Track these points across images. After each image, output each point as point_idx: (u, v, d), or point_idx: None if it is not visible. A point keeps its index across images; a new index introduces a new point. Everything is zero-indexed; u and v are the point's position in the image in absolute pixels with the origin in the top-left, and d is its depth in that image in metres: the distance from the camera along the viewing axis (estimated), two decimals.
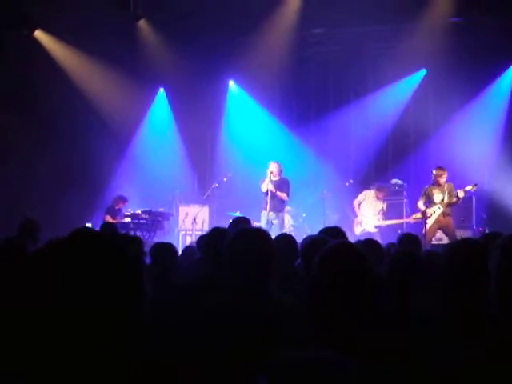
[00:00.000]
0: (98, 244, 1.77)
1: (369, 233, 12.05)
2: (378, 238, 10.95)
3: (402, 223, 12.26)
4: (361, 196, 12.50)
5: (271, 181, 11.32)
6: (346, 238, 4.90)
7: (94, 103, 13.97)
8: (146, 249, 6.25)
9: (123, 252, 1.79)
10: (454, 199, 11.01)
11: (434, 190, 11.18)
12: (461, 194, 10.97)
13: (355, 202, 12.46)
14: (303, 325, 2.68)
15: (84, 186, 13.78)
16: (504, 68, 13.62)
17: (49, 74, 13.41)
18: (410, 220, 12.09)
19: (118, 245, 1.80)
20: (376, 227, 12.22)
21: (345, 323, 2.62)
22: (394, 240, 10.15)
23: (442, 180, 11.13)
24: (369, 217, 12.28)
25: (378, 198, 12.36)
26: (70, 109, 13.86)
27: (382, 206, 12.36)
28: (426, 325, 2.78)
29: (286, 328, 2.68)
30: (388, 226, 12.39)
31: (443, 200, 11.04)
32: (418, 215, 11.43)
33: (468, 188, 11.02)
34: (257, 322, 2.74)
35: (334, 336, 2.50)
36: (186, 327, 2.84)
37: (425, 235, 10.44)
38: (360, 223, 12.32)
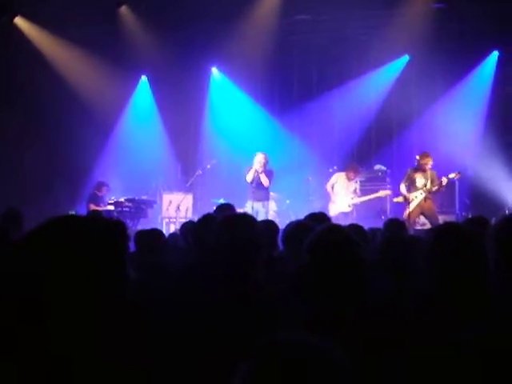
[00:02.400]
0: (83, 227, 1.77)
1: (343, 213, 12.07)
2: (352, 218, 11.12)
3: (381, 197, 12.33)
4: (333, 179, 12.40)
5: (257, 172, 11.23)
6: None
7: (76, 91, 13.85)
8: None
9: (107, 234, 1.79)
10: (437, 187, 11.01)
11: (416, 175, 11.14)
12: (444, 181, 10.96)
13: (328, 185, 12.37)
14: (291, 310, 2.68)
15: (67, 174, 13.71)
16: (486, 54, 13.67)
17: (30, 61, 13.28)
18: (381, 195, 12.18)
19: (102, 228, 1.79)
20: (350, 206, 12.20)
21: (337, 308, 2.61)
22: (369, 220, 10.32)
23: (428, 167, 11.11)
24: (342, 197, 12.24)
25: (349, 179, 12.27)
26: (52, 97, 13.72)
27: (354, 186, 12.34)
28: (422, 308, 2.78)
29: (273, 313, 2.67)
30: (365, 208, 12.38)
31: (426, 185, 11.04)
32: (400, 199, 11.42)
33: (451, 176, 10.99)
34: (244, 308, 2.73)
35: (326, 321, 2.49)
36: (172, 314, 2.83)
37: (407, 219, 10.45)
38: (334, 204, 12.30)
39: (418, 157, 11.22)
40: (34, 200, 12.12)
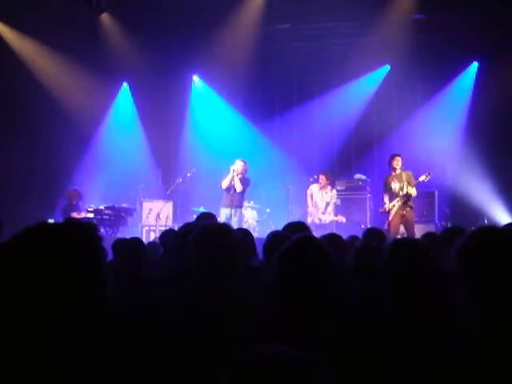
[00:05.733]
0: (58, 234, 1.75)
1: (317, 224, 12.13)
2: (331, 228, 11.17)
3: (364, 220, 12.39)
4: (309, 190, 12.59)
5: (234, 178, 11.27)
6: (310, 233, 4.90)
7: (56, 97, 13.75)
8: (109, 244, 6.11)
9: (83, 239, 1.77)
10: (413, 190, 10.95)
11: (391, 180, 11.11)
12: (413, 189, 10.94)
13: (308, 196, 12.54)
14: (266, 319, 2.67)
15: (46, 181, 13.60)
16: (466, 64, 13.82)
17: (9, 67, 13.18)
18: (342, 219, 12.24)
19: (74, 229, 1.78)
20: (320, 220, 12.29)
21: (308, 316, 2.62)
22: (349, 229, 10.34)
23: (397, 165, 11.06)
24: (316, 209, 12.36)
25: (322, 187, 12.41)
26: (31, 103, 13.66)
27: (329, 196, 12.40)
28: (391, 315, 2.81)
29: (248, 323, 2.66)
30: (345, 218, 12.41)
31: (402, 189, 10.97)
32: (384, 209, 11.37)
33: (421, 178, 10.88)
34: (220, 316, 2.72)
35: (299, 330, 2.49)
36: (150, 321, 2.81)
37: (388, 229, 10.43)
38: (310, 214, 12.39)
39: (389, 160, 11.27)
40: (10, 208, 11.97)
